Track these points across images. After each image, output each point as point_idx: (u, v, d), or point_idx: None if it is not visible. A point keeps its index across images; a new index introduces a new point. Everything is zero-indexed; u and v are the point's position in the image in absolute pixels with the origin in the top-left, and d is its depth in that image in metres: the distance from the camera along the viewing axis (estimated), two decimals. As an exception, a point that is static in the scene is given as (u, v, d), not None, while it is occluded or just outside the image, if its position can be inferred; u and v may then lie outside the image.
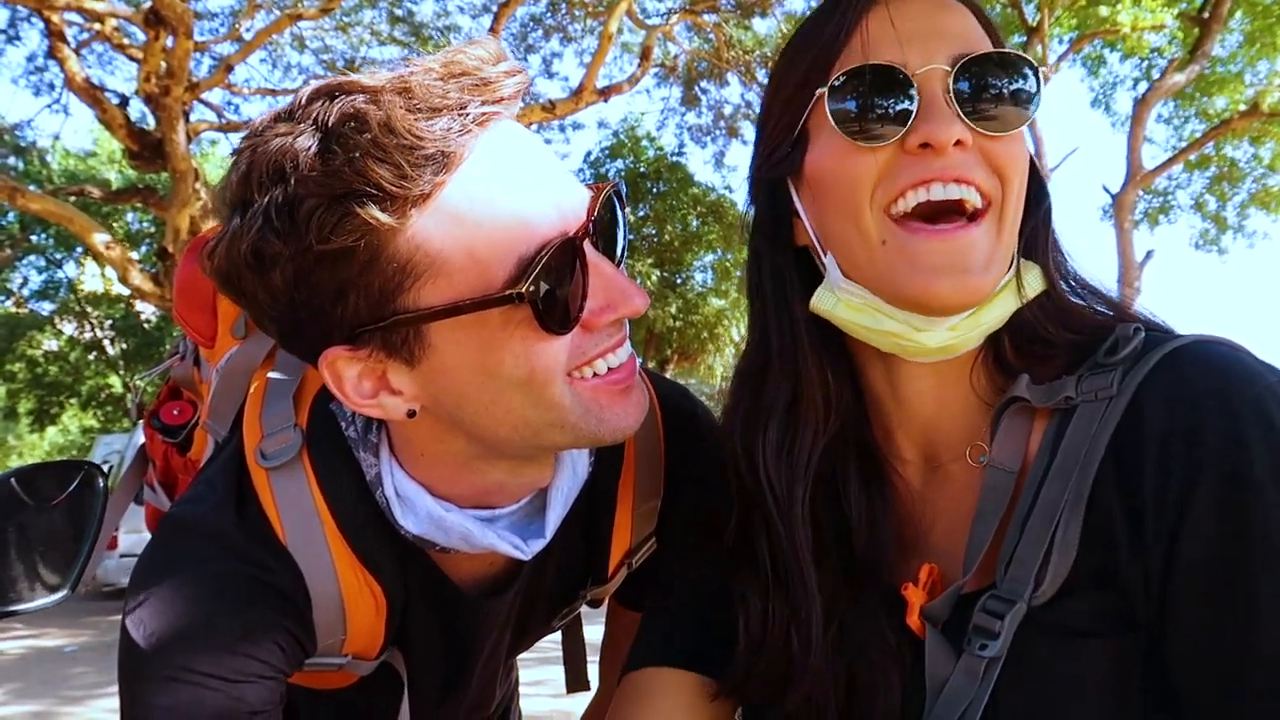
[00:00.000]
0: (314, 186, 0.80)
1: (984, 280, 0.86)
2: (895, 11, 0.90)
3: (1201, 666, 0.78)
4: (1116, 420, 0.83)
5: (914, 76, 0.86)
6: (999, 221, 0.87)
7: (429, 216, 0.82)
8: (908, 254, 0.86)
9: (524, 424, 0.92)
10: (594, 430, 0.93)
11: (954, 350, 0.91)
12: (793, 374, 0.97)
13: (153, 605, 0.95)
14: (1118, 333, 0.88)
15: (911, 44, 0.88)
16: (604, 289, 0.89)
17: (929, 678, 0.86)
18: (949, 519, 0.95)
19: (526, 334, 0.86)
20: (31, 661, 8.63)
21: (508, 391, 0.89)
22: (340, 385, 0.90)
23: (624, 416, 0.94)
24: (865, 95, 0.87)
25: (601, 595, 1.29)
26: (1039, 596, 0.82)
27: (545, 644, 1.43)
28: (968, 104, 0.86)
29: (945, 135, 0.84)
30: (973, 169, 0.86)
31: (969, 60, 0.87)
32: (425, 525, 1.01)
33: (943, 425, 0.96)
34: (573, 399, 0.90)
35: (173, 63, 10.42)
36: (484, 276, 0.84)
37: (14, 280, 22.55)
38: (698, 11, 15.13)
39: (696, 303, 19.95)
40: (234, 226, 0.84)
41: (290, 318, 0.88)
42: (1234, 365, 0.81)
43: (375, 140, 0.79)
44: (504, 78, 0.86)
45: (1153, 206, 20.09)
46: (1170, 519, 0.78)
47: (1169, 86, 15.09)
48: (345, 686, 1.17)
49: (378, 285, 0.84)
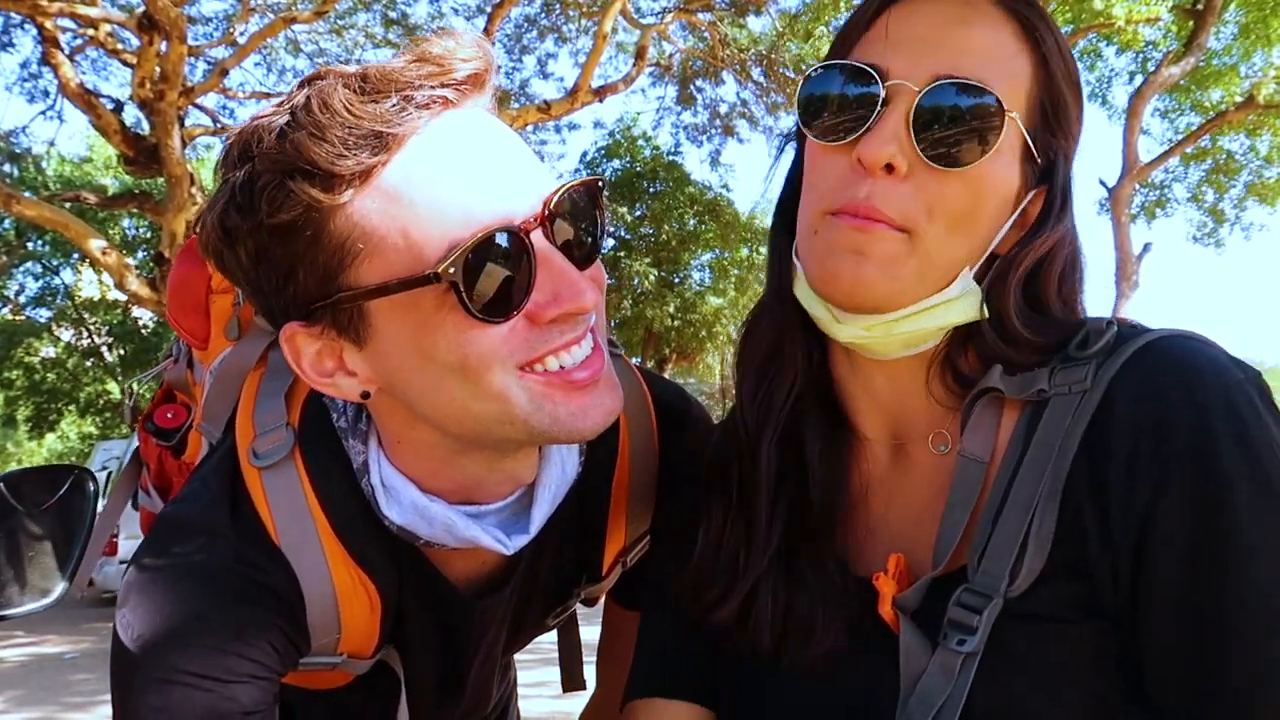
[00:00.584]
0: (268, 163, 0.83)
1: (881, 277, 0.86)
2: (914, 10, 0.89)
3: (1173, 664, 0.78)
4: (1090, 414, 0.83)
5: (885, 87, 0.86)
6: (911, 245, 0.86)
7: (368, 196, 0.84)
8: (826, 240, 0.88)
9: (468, 414, 0.91)
10: (547, 428, 0.91)
11: (872, 351, 0.93)
12: (776, 328, 1.00)
13: (145, 605, 0.95)
14: (1089, 326, 0.88)
15: (903, 49, 0.87)
16: (551, 282, 0.88)
17: (904, 670, 0.86)
18: (911, 504, 0.95)
19: (459, 320, 0.86)
20: (32, 669, 8.63)
21: (445, 377, 0.89)
22: (299, 361, 0.93)
23: (580, 416, 0.92)
24: (834, 93, 0.89)
25: (597, 594, 1.29)
26: (1014, 590, 0.82)
27: (544, 644, 1.42)
28: (924, 129, 0.85)
29: (875, 157, 0.85)
30: (894, 202, 0.85)
31: (943, 83, 0.85)
32: (409, 515, 1.01)
33: (901, 415, 0.97)
34: (521, 393, 0.89)
35: (167, 68, 10.41)
36: (417, 258, 0.84)
37: (11, 287, 22.56)
38: (692, 10, 15.13)
39: (694, 302, 19.97)
40: (211, 203, 0.88)
41: (258, 292, 0.91)
42: (1203, 360, 0.82)
43: (316, 120, 0.82)
44: (459, 62, 0.87)
45: (1149, 200, 20.10)
46: (1139, 513, 0.79)
47: (1164, 80, 15.09)
48: (341, 687, 1.16)
49: (321, 262, 0.86)
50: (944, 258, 0.88)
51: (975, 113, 0.85)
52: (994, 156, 0.86)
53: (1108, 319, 0.89)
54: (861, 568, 0.94)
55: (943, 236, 0.87)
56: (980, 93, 0.85)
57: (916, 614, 0.88)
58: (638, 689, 1.05)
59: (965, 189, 0.86)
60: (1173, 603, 0.78)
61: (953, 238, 0.87)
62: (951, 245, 0.88)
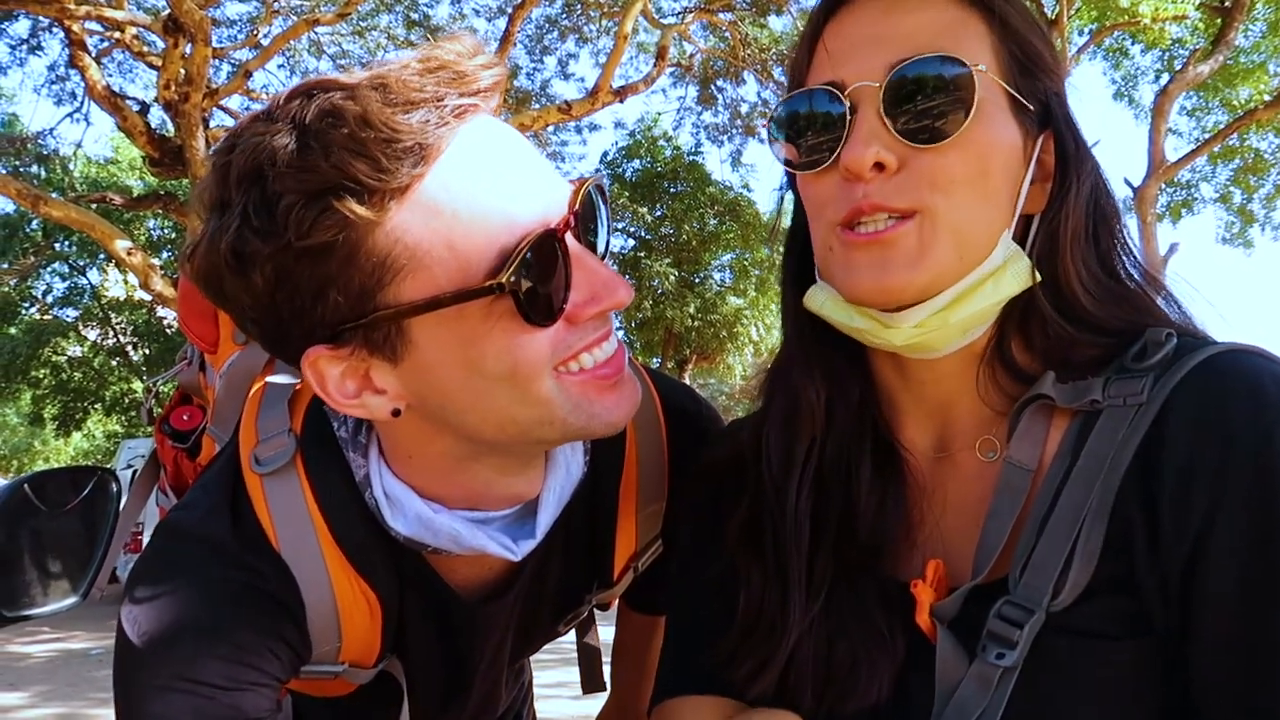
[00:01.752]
0: (292, 183, 0.79)
1: (909, 275, 0.84)
2: (845, 21, 0.89)
3: (1221, 683, 0.76)
4: (1145, 429, 0.80)
5: (846, 97, 0.86)
6: (933, 224, 0.84)
7: (407, 210, 0.81)
8: (844, 255, 0.87)
9: (510, 421, 0.90)
10: (584, 425, 0.92)
11: (930, 346, 0.89)
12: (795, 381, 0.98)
13: (147, 612, 0.95)
14: (1147, 336, 0.85)
15: (850, 55, 0.87)
16: (587, 281, 0.88)
17: (939, 681, 0.84)
18: (956, 512, 0.93)
19: (509, 327, 0.85)
20: (58, 664, 8.73)
21: (493, 387, 0.88)
22: (323, 385, 0.89)
23: (613, 410, 0.93)
24: (802, 125, 0.89)
25: (609, 599, 1.27)
26: (1057, 604, 0.80)
27: (566, 645, 1.42)
28: (900, 117, 0.84)
29: (860, 162, 0.84)
30: (894, 193, 0.84)
31: (901, 67, 0.84)
32: (414, 526, 1.00)
33: (952, 417, 0.95)
34: (560, 394, 0.89)
35: (192, 70, 10.51)
36: (464, 269, 0.82)
37: (38, 287, 22.83)
38: (713, 10, 15.11)
39: (715, 302, 19.91)
40: (212, 228, 0.83)
41: (272, 318, 0.87)
42: (1268, 377, 0.79)
43: (352, 134, 0.78)
44: (480, 70, 0.85)
45: (1176, 200, 19.87)
46: (1194, 529, 0.76)
47: (1192, 78, 14.93)
48: (345, 695, 1.16)
49: (358, 281, 0.83)
50: (972, 227, 0.86)
51: (942, 82, 0.84)
52: (979, 116, 0.84)
53: (1167, 330, 0.86)
54: (900, 573, 0.91)
55: (958, 206, 0.85)
56: (941, 62, 0.84)
57: (954, 622, 0.85)
58: (667, 688, 1.04)
59: (962, 155, 0.84)
60: (1225, 622, 0.75)
61: (970, 204, 0.85)
62: (972, 212, 0.85)
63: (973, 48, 0.87)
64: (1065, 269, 0.89)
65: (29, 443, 35.19)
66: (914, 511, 0.95)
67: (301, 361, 0.88)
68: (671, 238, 20.14)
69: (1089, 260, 0.90)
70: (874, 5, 0.88)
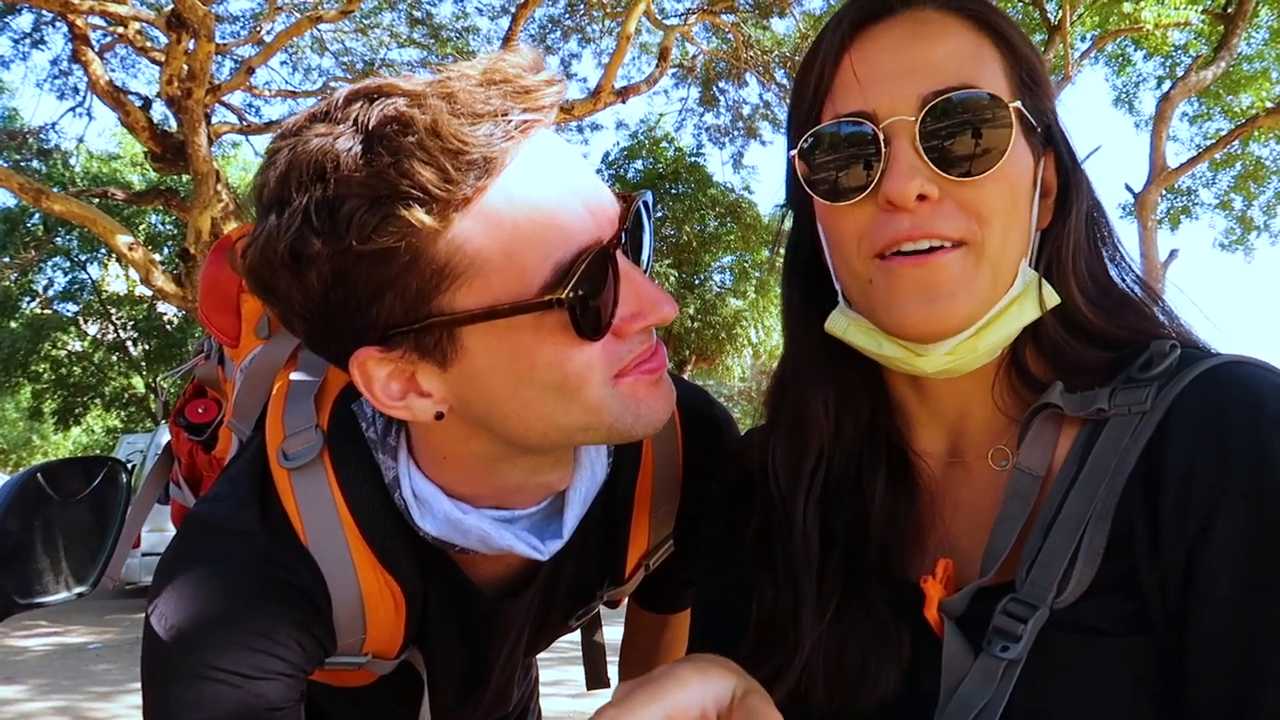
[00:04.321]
0: (356, 187, 0.79)
1: (952, 306, 0.86)
2: (869, 48, 0.89)
3: (1215, 683, 0.77)
4: (1148, 436, 0.82)
5: (880, 130, 0.86)
6: (978, 254, 0.86)
7: (470, 219, 0.82)
8: (889, 287, 0.87)
9: (555, 427, 0.91)
10: (629, 426, 0.92)
11: (958, 371, 0.91)
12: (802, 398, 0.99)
13: (175, 602, 0.96)
14: (1153, 348, 0.87)
15: (882, 86, 0.87)
16: (635, 297, 0.89)
17: (945, 674, 0.85)
18: (967, 516, 0.95)
19: (559, 339, 0.85)
20: (56, 658, 8.73)
21: (540, 395, 0.88)
22: (370, 386, 0.89)
23: (657, 409, 0.94)
24: (833, 154, 0.89)
25: (619, 596, 1.29)
26: (1061, 601, 0.82)
27: (565, 643, 1.43)
28: (936, 151, 0.85)
29: (904, 194, 0.84)
30: (942, 221, 0.85)
31: (937, 102, 0.85)
32: (443, 527, 1.01)
33: (965, 427, 0.97)
34: (612, 399, 0.90)
35: (194, 65, 10.51)
36: (521, 281, 0.83)
37: (39, 281, 22.82)
38: (716, 12, 15.12)
39: (715, 303, 19.92)
40: (270, 225, 0.83)
41: (323, 318, 0.87)
42: (1269, 387, 0.81)
43: (420, 143, 0.78)
44: (544, 86, 0.85)
45: (1176, 206, 19.89)
46: (1193, 532, 0.78)
47: (1194, 84, 14.93)
48: (365, 685, 1.17)
49: (415, 287, 0.83)
50: (1006, 256, 0.88)
51: (978, 116, 0.85)
52: (1013, 148, 0.86)
53: (1171, 341, 0.88)
54: (909, 574, 0.93)
55: (997, 236, 0.87)
56: (975, 96, 0.85)
57: (961, 620, 0.87)
58: None
59: (998, 188, 0.86)
60: (1220, 622, 0.77)
61: (1006, 234, 0.87)
62: (1010, 242, 0.88)
63: (993, 76, 0.88)
64: (1068, 283, 0.91)
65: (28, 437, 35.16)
66: (925, 516, 0.97)
67: (350, 362, 0.88)
68: (672, 239, 20.15)
69: (1090, 273, 0.93)
70: (898, 32, 0.89)
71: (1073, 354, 0.90)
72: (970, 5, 0.90)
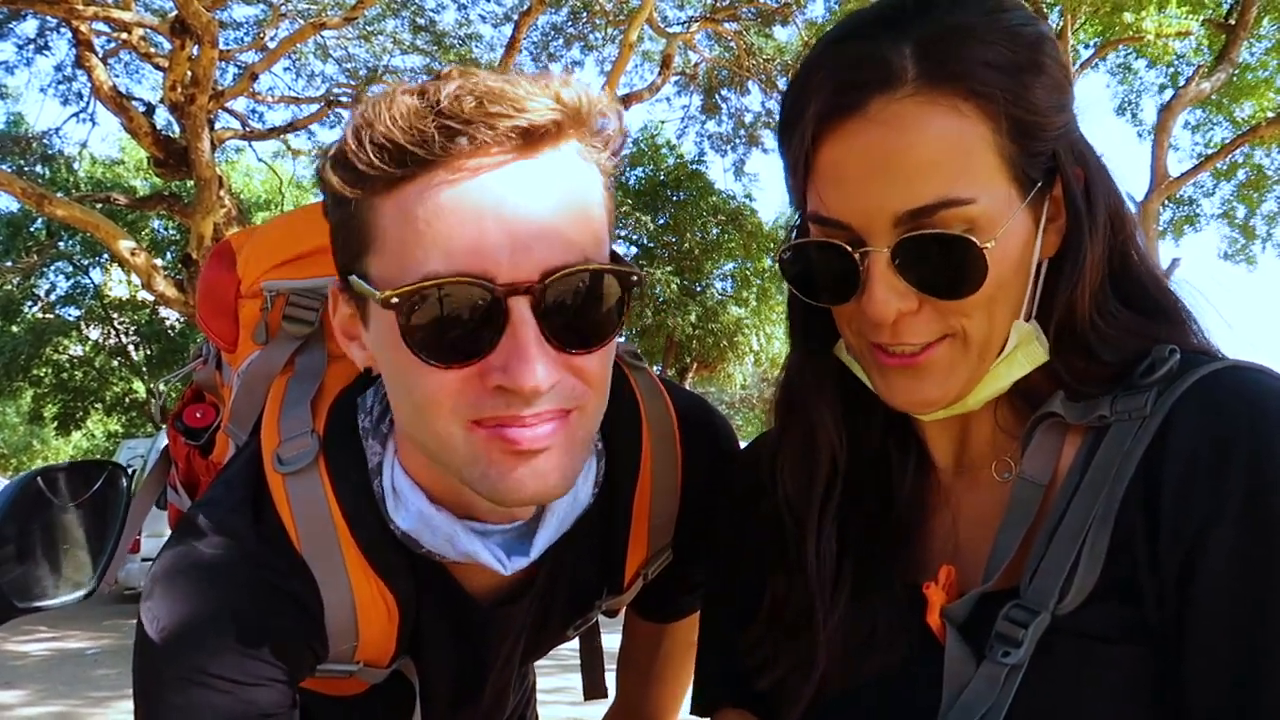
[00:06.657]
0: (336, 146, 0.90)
1: (943, 391, 0.89)
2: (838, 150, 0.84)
3: (1211, 688, 0.78)
4: (1148, 440, 0.83)
5: (856, 253, 0.85)
6: (964, 342, 0.87)
7: (390, 201, 0.86)
8: (878, 368, 0.91)
9: (415, 435, 0.95)
10: (476, 482, 0.90)
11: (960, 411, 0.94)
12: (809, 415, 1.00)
13: (167, 606, 0.96)
14: (1154, 354, 0.87)
15: (856, 198, 0.84)
16: (509, 352, 0.84)
17: (947, 679, 0.86)
18: (971, 524, 0.96)
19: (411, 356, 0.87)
20: (54, 663, 8.72)
21: (404, 401, 0.92)
22: (333, 313, 0.98)
23: (509, 483, 0.88)
24: (812, 260, 0.91)
25: (618, 606, 1.28)
26: (1063, 607, 0.82)
27: (564, 651, 1.42)
28: (913, 274, 0.84)
29: (882, 317, 0.85)
30: (923, 327, 0.86)
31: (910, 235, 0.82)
32: (414, 522, 1.01)
33: (967, 443, 0.98)
34: (464, 443, 0.88)
35: (198, 71, 10.54)
36: (397, 277, 0.86)
37: (41, 286, 22.84)
38: (718, 20, 15.17)
39: (716, 311, 19.92)
40: None
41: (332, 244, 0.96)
42: (1269, 392, 0.81)
43: (369, 121, 0.85)
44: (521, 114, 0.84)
45: (1178, 216, 19.88)
46: (1189, 536, 0.79)
47: (1195, 93, 14.95)
48: (358, 694, 1.17)
49: (349, 241, 0.91)
50: (995, 332, 0.88)
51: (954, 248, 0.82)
52: (996, 245, 0.83)
53: (1170, 346, 0.87)
54: (912, 576, 0.94)
55: (984, 321, 0.86)
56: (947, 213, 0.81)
57: (964, 627, 0.88)
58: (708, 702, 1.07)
59: (983, 293, 0.84)
60: (1216, 623, 0.77)
61: (994, 316, 0.87)
62: (997, 319, 0.87)
63: (981, 165, 0.83)
64: (1078, 312, 0.89)
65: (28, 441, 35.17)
66: (930, 524, 0.98)
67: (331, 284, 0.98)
68: (674, 246, 20.16)
69: (1106, 299, 0.90)
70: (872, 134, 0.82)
71: (1076, 373, 0.90)
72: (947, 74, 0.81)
